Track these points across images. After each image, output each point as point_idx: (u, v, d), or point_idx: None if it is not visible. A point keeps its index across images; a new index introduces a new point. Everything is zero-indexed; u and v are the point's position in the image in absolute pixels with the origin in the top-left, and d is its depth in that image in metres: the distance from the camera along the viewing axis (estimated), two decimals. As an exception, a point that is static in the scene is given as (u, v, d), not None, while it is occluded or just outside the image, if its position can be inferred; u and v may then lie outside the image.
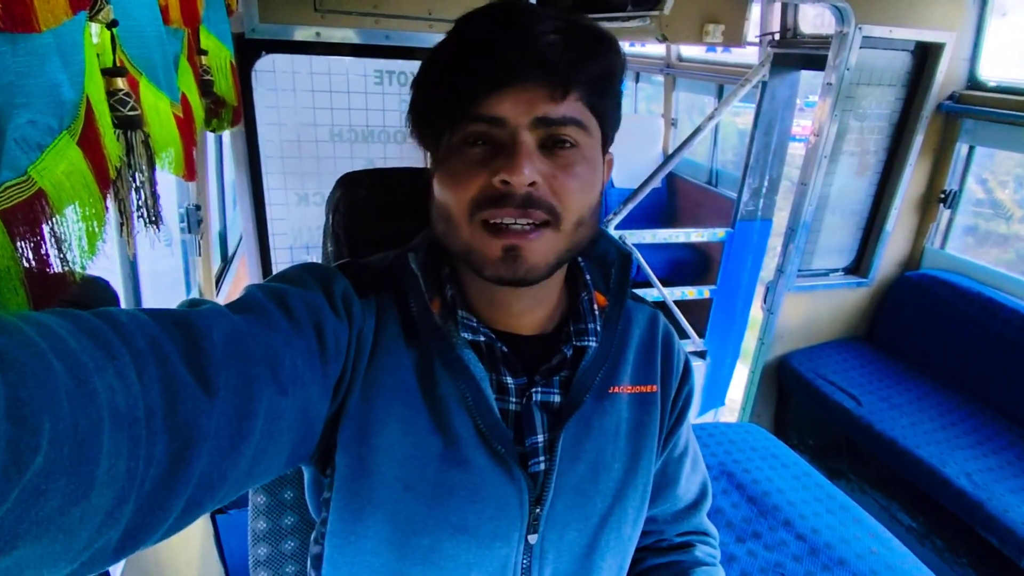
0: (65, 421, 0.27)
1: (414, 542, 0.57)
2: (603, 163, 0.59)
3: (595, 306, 0.64)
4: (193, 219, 1.47)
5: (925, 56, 2.08)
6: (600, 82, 0.54)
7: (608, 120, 0.57)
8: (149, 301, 1.16)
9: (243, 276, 2.10)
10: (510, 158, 0.50)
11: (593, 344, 0.62)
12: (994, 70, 2.08)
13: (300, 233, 1.93)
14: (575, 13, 0.54)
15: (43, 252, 0.39)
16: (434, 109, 0.55)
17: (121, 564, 0.87)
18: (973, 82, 2.11)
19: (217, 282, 1.81)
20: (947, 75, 2.07)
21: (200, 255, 1.52)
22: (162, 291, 1.90)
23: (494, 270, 0.53)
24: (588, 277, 0.65)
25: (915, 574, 1.34)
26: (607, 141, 0.58)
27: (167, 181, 0.66)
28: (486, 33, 0.52)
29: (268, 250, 1.92)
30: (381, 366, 0.57)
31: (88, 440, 0.28)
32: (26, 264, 0.37)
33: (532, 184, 0.51)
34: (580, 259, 0.66)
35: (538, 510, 0.59)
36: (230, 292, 1.96)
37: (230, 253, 2.21)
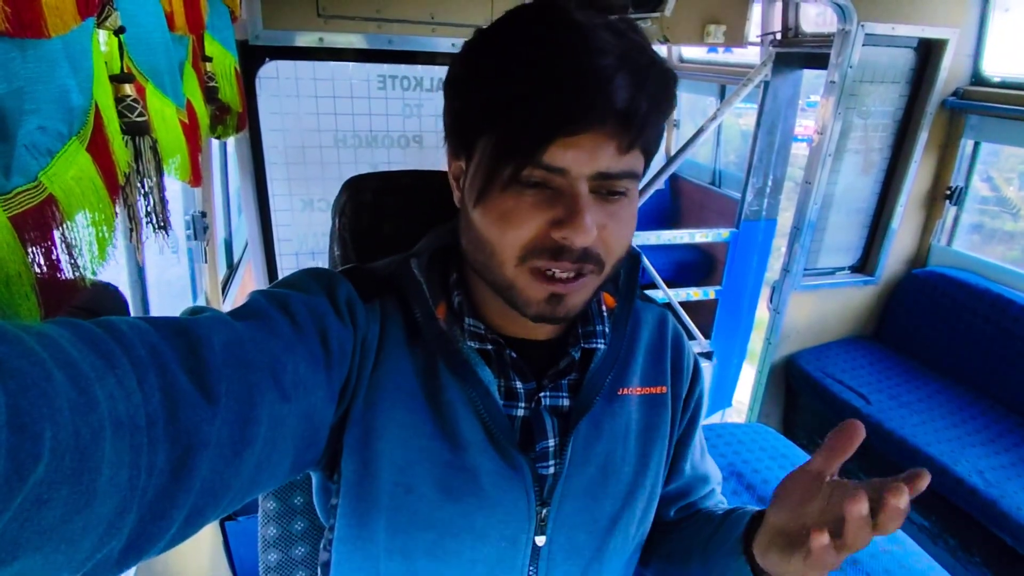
0: (66, 430, 0.27)
1: (418, 538, 0.56)
2: None
3: (603, 307, 0.63)
4: (199, 226, 1.48)
5: (928, 53, 2.08)
6: (660, 129, 0.52)
7: (652, 155, 0.55)
8: (156, 309, 1.17)
9: (249, 283, 2.11)
10: (572, 215, 0.48)
11: (602, 346, 0.61)
12: (998, 66, 2.07)
13: (305, 239, 1.93)
14: (634, 32, 0.50)
15: (54, 257, 0.39)
16: (488, 138, 0.51)
17: (132, 572, 0.87)
18: (977, 78, 2.10)
19: (223, 289, 1.81)
20: (951, 71, 2.06)
21: (206, 262, 1.53)
22: (169, 299, 1.91)
23: (536, 310, 0.53)
24: None
25: (928, 573, 1.32)
26: (647, 169, 0.57)
27: (172, 189, 0.67)
28: (555, 69, 0.46)
29: (274, 256, 1.93)
30: (385, 371, 0.57)
31: (89, 449, 0.28)
32: (37, 270, 0.37)
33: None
34: None
35: (544, 511, 0.59)
36: (236, 299, 1.96)
37: (235, 260, 2.22)
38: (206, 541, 1.32)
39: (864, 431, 0.48)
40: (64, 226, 0.40)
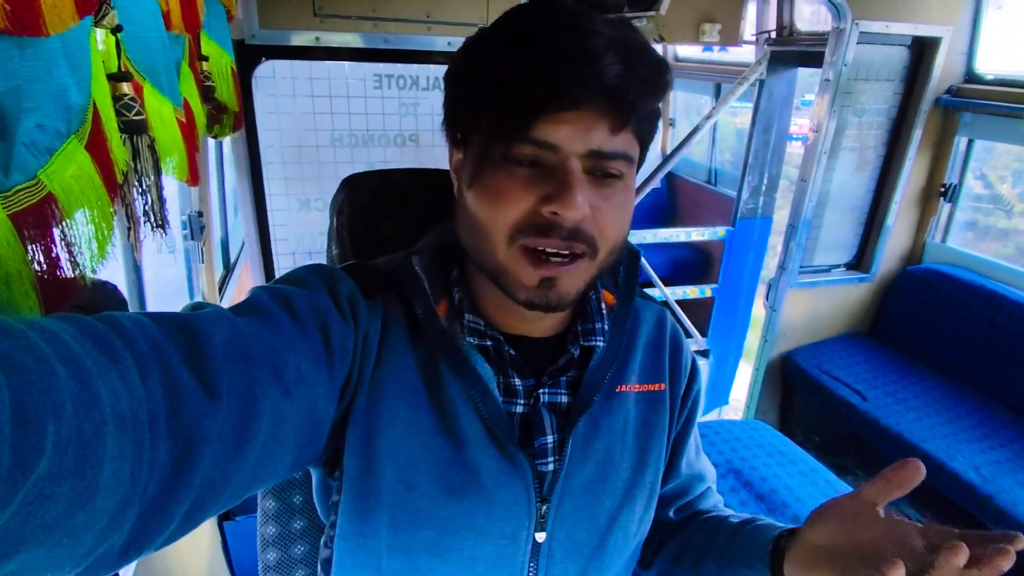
0: (69, 425, 0.27)
1: (419, 536, 0.57)
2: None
3: (603, 305, 0.63)
4: (196, 226, 1.48)
5: (922, 50, 2.09)
6: (652, 113, 0.53)
7: (647, 144, 0.56)
8: (154, 308, 1.17)
9: (246, 282, 2.10)
10: (563, 190, 0.48)
11: (601, 344, 0.61)
12: (991, 63, 2.08)
13: (302, 239, 1.93)
14: (628, 26, 0.51)
15: (53, 255, 0.39)
16: (481, 119, 0.52)
17: (130, 573, 0.87)
18: (970, 76, 2.12)
19: (220, 289, 1.81)
20: (944, 69, 2.07)
21: (203, 262, 1.53)
22: (165, 300, 1.90)
23: (527, 296, 0.53)
24: None
25: (925, 568, 1.33)
26: (642, 160, 0.57)
27: (169, 188, 0.67)
28: (545, 48, 0.48)
29: (271, 256, 1.93)
30: (387, 368, 0.57)
31: (92, 444, 0.28)
32: (37, 268, 0.37)
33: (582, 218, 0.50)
34: None
35: (544, 508, 0.59)
36: (233, 299, 1.96)
37: (232, 260, 2.21)
38: (205, 541, 1.32)
39: (924, 472, 0.49)
40: (63, 224, 0.40)
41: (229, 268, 2.15)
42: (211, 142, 1.78)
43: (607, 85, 0.47)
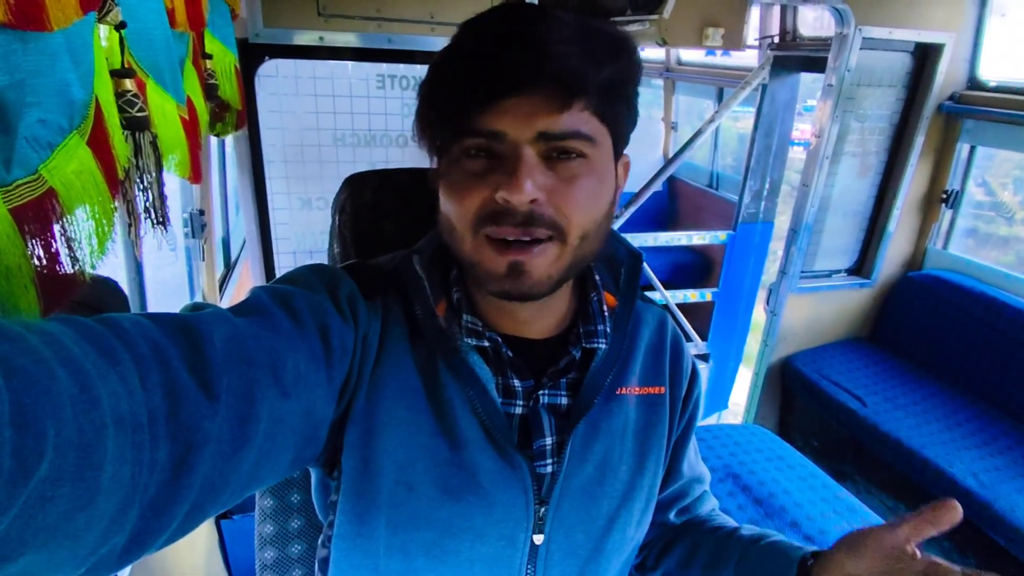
0: (69, 427, 0.27)
1: (417, 537, 0.56)
2: (616, 168, 0.57)
3: (604, 307, 0.63)
4: (197, 224, 1.48)
5: (925, 57, 2.09)
6: (610, 89, 0.51)
7: (620, 126, 0.55)
8: (154, 306, 1.17)
9: (246, 281, 2.10)
10: (510, 175, 0.49)
11: (603, 346, 0.61)
12: (994, 70, 2.08)
13: (304, 238, 1.93)
14: (589, 18, 0.51)
15: (53, 251, 0.39)
16: (435, 120, 0.54)
17: (127, 572, 0.86)
18: (973, 82, 2.12)
19: (220, 287, 1.81)
20: (947, 76, 2.07)
21: (204, 260, 1.53)
22: (164, 299, 1.90)
23: (498, 285, 0.53)
24: (597, 277, 0.64)
25: (924, 575, 1.33)
26: (619, 146, 0.57)
27: (170, 186, 0.67)
28: (487, 41, 0.49)
29: (272, 255, 1.93)
30: (386, 368, 0.57)
31: (92, 446, 0.28)
32: (36, 263, 0.37)
33: (533, 201, 0.49)
34: None
35: (542, 510, 0.59)
36: (233, 297, 1.96)
37: (233, 258, 2.21)
38: (202, 540, 1.32)
39: (961, 513, 0.51)
40: (64, 219, 0.40)
41: (230, 267, 2.14)
42: (213, 140, 1.78)
43: (543, 64, 0.47)
